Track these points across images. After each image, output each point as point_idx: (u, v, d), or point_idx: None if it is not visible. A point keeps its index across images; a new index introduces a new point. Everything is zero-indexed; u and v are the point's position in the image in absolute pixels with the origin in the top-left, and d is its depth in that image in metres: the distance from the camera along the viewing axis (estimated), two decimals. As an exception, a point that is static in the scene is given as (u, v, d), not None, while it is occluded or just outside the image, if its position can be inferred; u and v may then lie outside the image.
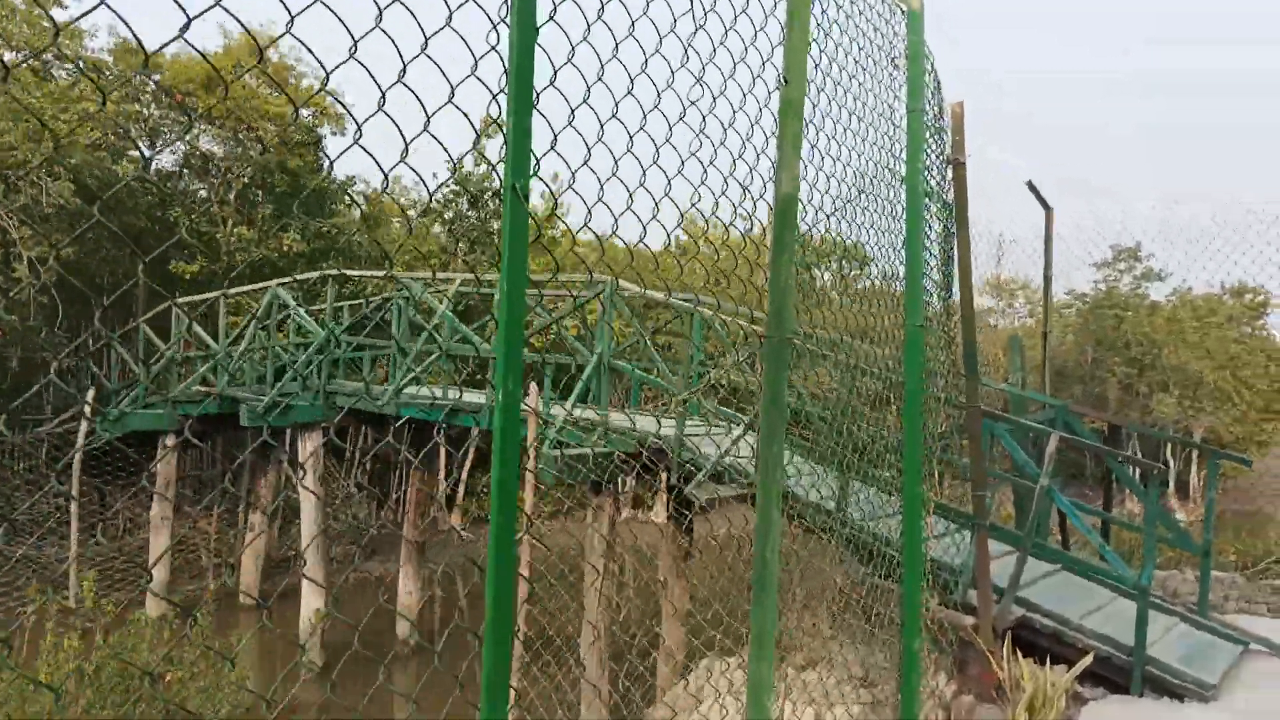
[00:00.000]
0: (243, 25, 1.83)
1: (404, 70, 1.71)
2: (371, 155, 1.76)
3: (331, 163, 17.85)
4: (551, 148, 1.95)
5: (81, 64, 14.73)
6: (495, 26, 1.81)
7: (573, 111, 2.03)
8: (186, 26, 1.47)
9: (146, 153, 16.58)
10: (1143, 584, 5.45)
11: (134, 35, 1.60)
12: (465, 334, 9.02)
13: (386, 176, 1.81)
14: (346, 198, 18.35)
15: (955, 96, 5.36)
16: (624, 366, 7.59)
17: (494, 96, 1.82)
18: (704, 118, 2.69)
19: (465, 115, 1.86)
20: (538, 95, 1.85)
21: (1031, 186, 8.91)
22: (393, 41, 1.65)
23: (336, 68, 1.69)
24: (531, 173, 1.84)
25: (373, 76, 1.73)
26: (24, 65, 13.05)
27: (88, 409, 12.91)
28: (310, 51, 1.77)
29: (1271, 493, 21.65)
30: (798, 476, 7.06)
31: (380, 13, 1.64)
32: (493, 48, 1.82)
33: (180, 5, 1.44)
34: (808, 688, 6.05)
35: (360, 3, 1.62)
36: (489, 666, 1.84)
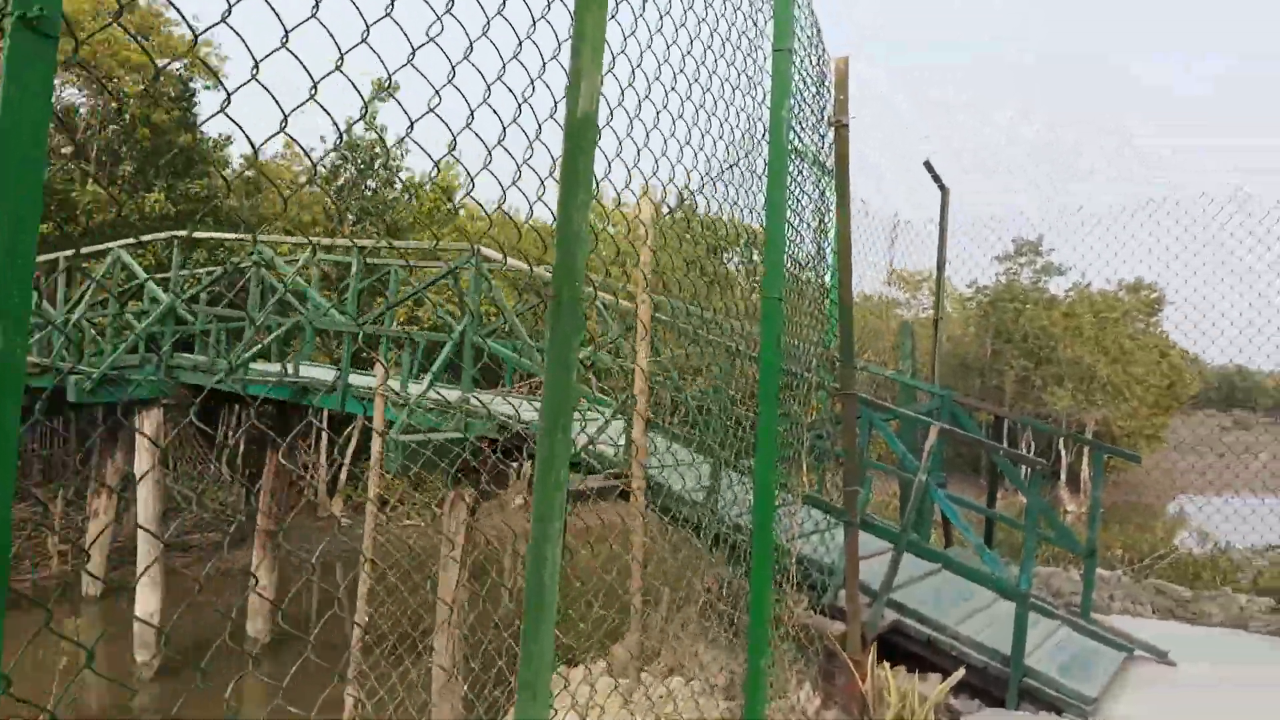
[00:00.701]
0: None
1: (286, 37, 1.55)
2: (235, 122, 1.59)
3: (198, 123, 16.68)
4: None
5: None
6: None
7: None
8: None
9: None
10: (1021, 589, 5.04)
11: None
12: (326, 307, 8.23)
13: (255, 148, 1.63)
14: (224, 158, 17.18)
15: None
16: (492, 346, 6.93)
17: None
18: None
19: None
20: None
21: (928, 166, 8.52)
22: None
23: (207, 30, 1.60)
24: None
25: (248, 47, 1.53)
26: None
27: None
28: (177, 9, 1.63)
29: (1160, 488, 22.11)
30: (674, 466, 6.53)
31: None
32: None
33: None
34: (665, 698, 5.51)
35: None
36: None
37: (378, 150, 16.69)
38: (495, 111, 2.20)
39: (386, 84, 1.83)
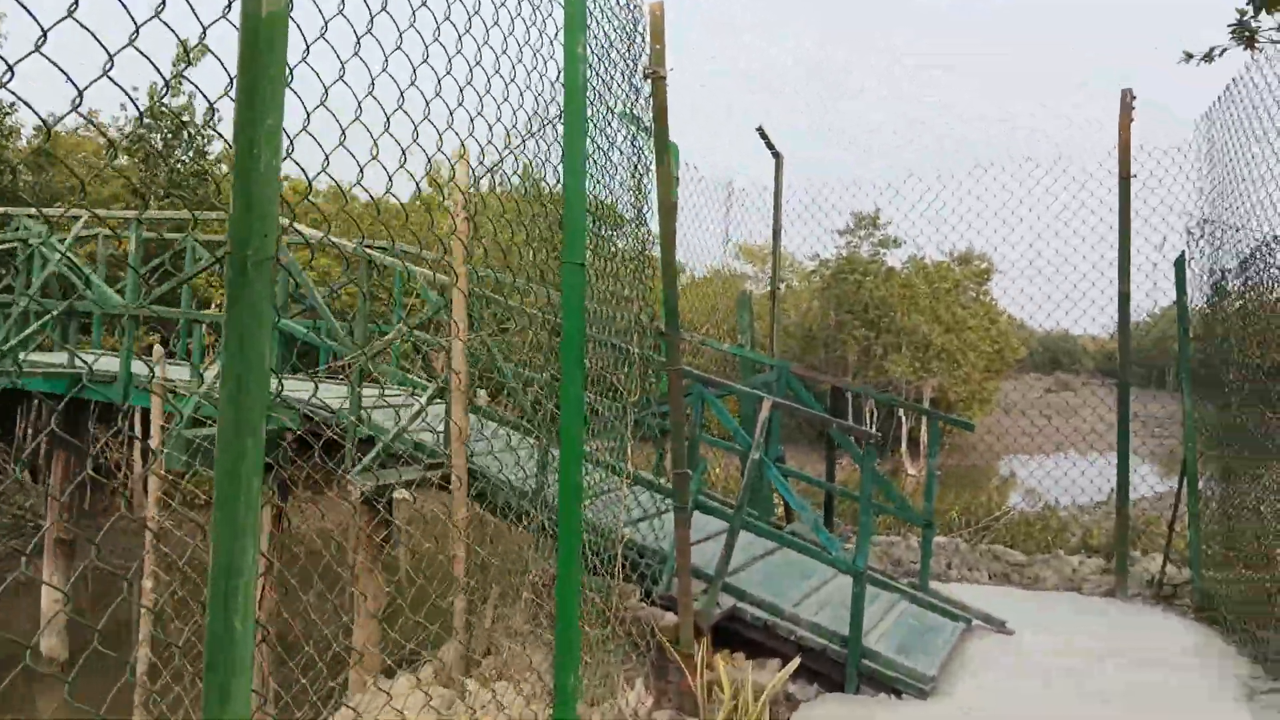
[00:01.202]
0: None
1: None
2: (18, 95, 1.50)
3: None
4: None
5: None
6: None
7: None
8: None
9: None
10: (857, 568, 4.81)
11: None
12: (103, 289, 7.32)
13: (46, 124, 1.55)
14: (13, 127, 15.50)
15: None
16: (284, 324, 6.24)
17: None
18: None
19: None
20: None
21: (761, 132, 8.27)
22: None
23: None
24: None
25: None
26: None
27: None
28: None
29: (992, 452, 23.08)
30: (495, 450, 6.02)
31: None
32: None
33: None
34: (488, 707, 5.06)
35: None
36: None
37: (185, 119, 15.36)
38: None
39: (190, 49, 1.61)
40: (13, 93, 1.49)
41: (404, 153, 2.28)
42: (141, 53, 1.58)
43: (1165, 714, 4.60)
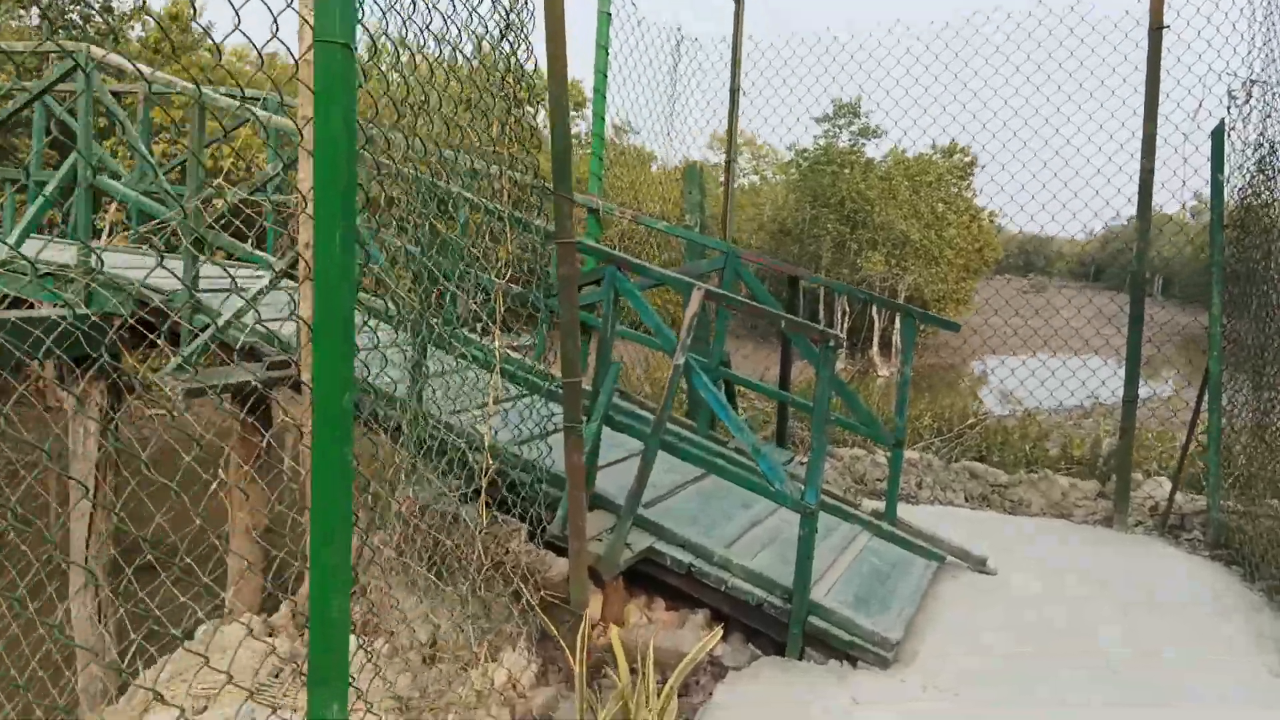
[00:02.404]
0: None
1: None
2: None
3: None
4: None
5: None
6: None
7: None
8: None
9: None
10: (805, 504, 3.71)
11: None
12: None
13: None
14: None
15: None
16: (102, 182, 4.93)
17: None
18: None
19: None
20: None
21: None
22: None
23: None
24: None
25: None
26: None
27: None
28: None
29: (963, 353, 22.04)
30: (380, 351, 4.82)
31: None
32: None
33: None
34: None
35: None
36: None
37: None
38: None
39: None
40: None
41: None
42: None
43: (1190, 696, 3.60)
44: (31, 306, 5.02)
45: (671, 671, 3.38)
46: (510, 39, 3.14)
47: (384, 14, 2.84)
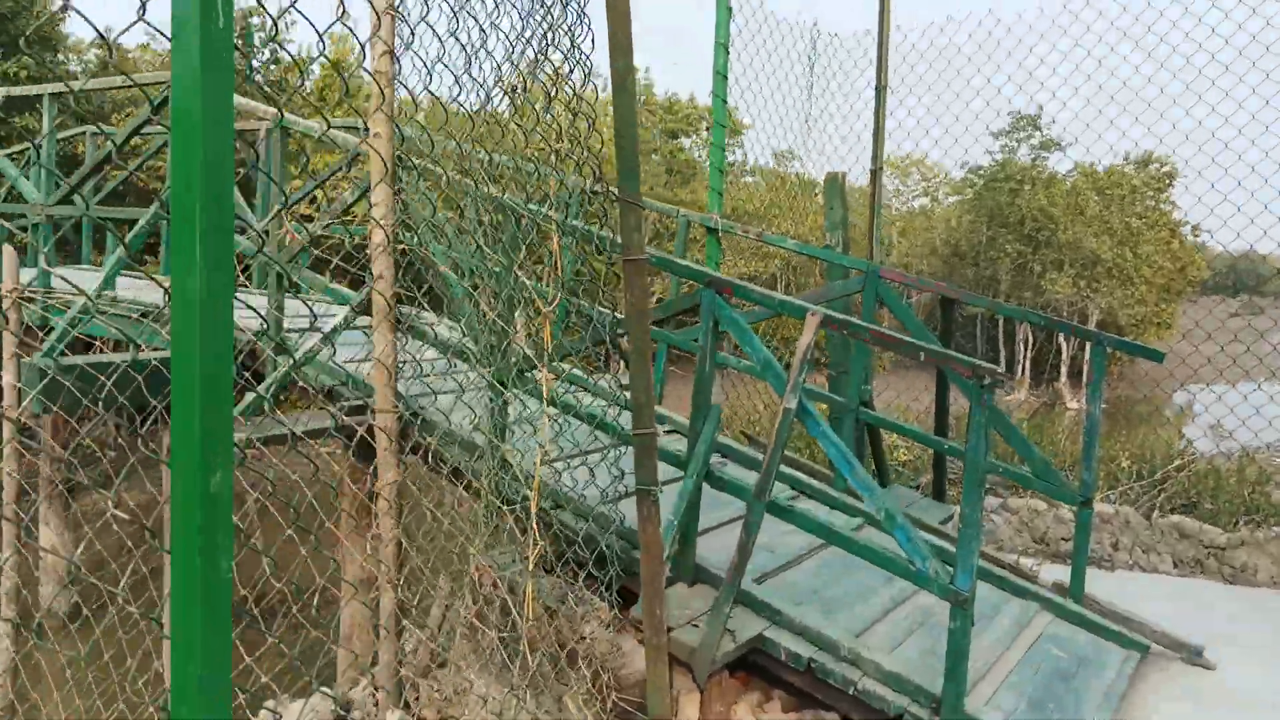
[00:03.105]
0: None
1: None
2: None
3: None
4: None
5: None
6: None
7: None
8: None
9: None
10: (958, 591, 2.85)
11: None
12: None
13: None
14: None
15: None
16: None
17: None
18: None
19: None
20: None
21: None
22: None
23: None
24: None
25: None
26: None
27: None
28: None
29: (1169, 379, 19.71)
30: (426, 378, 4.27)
31: None
32: None
33: None
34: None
35: None
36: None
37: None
38: None
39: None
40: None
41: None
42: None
43: None
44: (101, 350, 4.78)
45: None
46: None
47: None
